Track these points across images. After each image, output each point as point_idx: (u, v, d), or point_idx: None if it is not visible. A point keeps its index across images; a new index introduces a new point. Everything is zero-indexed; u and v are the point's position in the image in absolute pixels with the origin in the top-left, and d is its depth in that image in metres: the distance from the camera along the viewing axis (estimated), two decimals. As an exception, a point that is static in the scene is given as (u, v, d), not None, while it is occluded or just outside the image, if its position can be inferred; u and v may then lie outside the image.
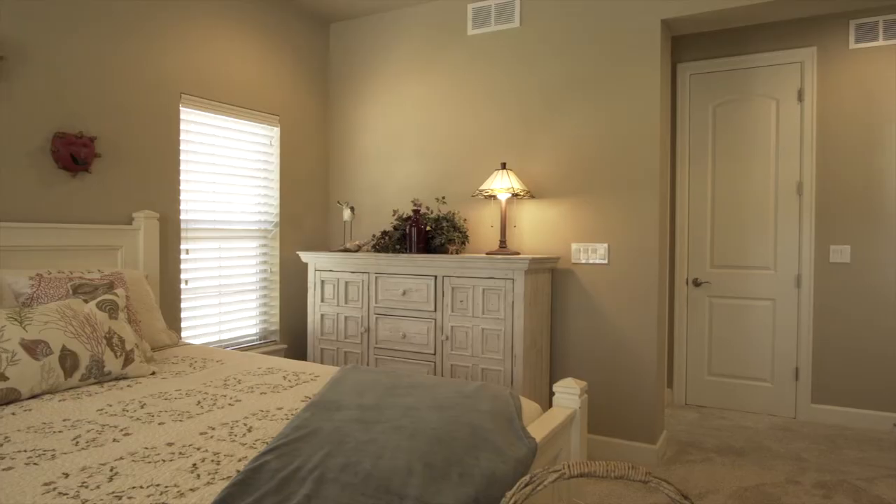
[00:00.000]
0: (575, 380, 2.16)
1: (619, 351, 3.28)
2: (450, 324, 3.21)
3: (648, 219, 3.20)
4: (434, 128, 3.88)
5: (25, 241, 2.58)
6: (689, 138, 4.31)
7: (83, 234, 2.80)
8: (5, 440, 1.55)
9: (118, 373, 2.22)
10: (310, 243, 4.19)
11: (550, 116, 3.47)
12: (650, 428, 3.21)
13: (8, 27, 2.57)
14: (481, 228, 3.70)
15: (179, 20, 3.28)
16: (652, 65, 3.18)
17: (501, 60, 3.62)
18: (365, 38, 4.16)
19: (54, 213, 2.76)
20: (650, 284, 3.20)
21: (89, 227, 2.82)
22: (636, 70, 3.22)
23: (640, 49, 3.21)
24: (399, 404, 1.86)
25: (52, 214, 2.75)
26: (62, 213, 2.79)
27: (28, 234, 2.59)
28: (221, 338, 3.61)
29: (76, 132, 2.82)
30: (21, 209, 2.63)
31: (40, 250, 2.64)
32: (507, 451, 1.63)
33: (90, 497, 1.23)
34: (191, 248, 3.39)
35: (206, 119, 3.48)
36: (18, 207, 2.63)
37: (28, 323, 2.03)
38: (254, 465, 1.34)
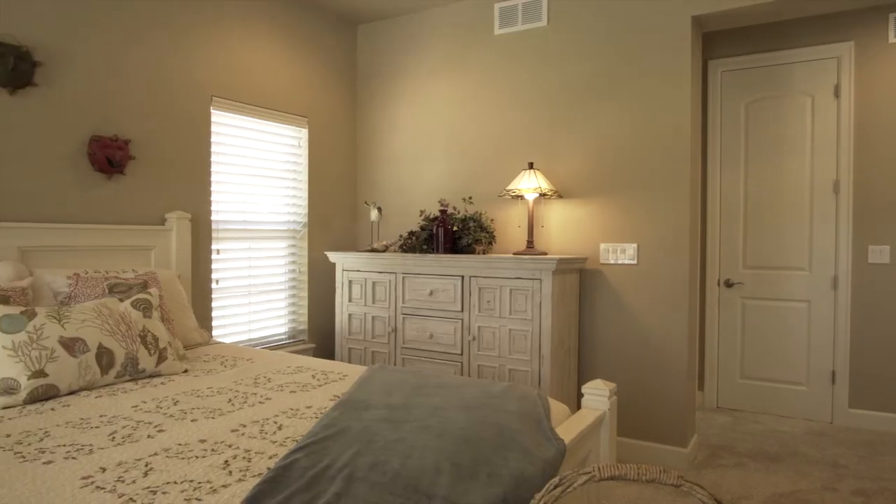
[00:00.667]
0: (604, 381, 2.14)
1: (648, 352, 3.24)
2: (477, 324, 3.21)
3: (679, 218, 3.15)
4: (461, 128, 3.88)
5: (63, 242, 2.65)
6: (720, 136, 4.23)
7: (118, 235, 2.87)
8: (45, 435, 1.60)
9: (152, 370, 2.27)
10: (338, 243, 4.22)
11: (578, 115, 3.44)
12: (681, 431, 3.16)
13: (46, 34, 2.64)
14: (508, 229, 3.69)
15: (210, 25, 3.34)
16: (682, 62, 3.13)
17: (528, 60, 3.60)
18: (392, 39, 4.18)
19: (91, 215, 2.83)
20: (680, 285, 3.15)
21: (124, 227, 2.89)
22: (666, 67, 3.17)
23: (670, 46, 3.16)
24: (426, 404, 1.86)
25: (88, 215, 2.82)
26: (98, 214, 2.86)
27: (66, 234, 2.67)
28: (251, 337, 3.66)
29: (111, 135, 2.88)
30: (59, 210, 2.71)
31: (77, 250, 2.71)
32: (535, 452, 1.62)
33: (126, 491, 1.25)
34: (221, 249, 3.45)
35: (236, 121, 3.53)
36: (57, 209, 2.70)
37: (66, 321, 2.09)
38: (284, 463, 1.35)
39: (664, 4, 3.17)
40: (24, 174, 2.59)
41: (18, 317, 2.01)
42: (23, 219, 2.58)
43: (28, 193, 2.60)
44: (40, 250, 2.58)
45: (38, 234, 2.57)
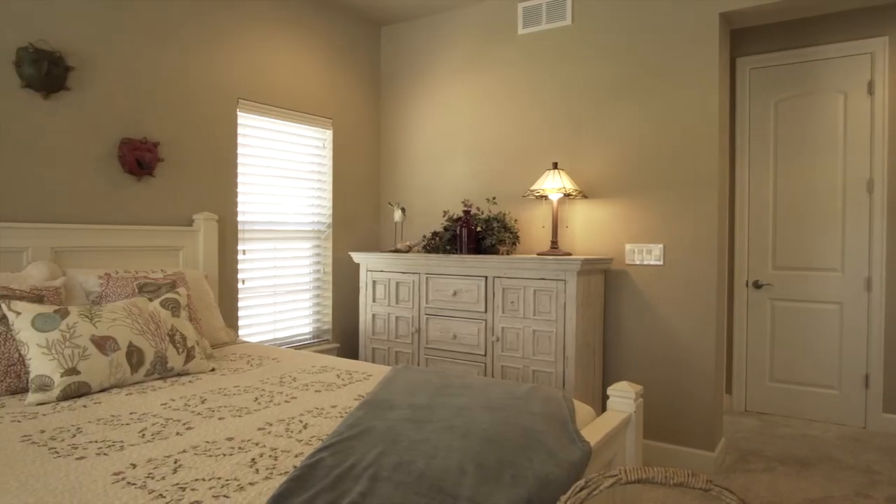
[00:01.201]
0: (630, 383, 2.11)
1: (675, 354, 3.20)
2: (500, 325, 3.19)
3: (706, 218, 3.10)
4: (484, 128, 3.87)
5: (95, 242, 2.71)
6: (748, 135, 4.16)
7: (147, 236, 2.92)
8: (78, 431, 1.63)
9: (180, 369, 2.30)
10: (362, 244, 4.24)
11: (604, 114, 3.41)
12: (708, 434, 3.11)
13: (78, 39, 2.70)
14: (532, 229, 3.67)
15: (237, 28, 3.39)
16: (710, 60, 3.08)
17: (553, 59, 3.58)
18: (416, 41, 4.19)
19: (121, 216, 2.88)
20: (708, 286, 3.10)
21: (153, 228, 2.94)
22: (693, 65, 3.13)
23: (697, 44, 3.11)
24: (450, 404, 1.86)
25: (118, 216, 2.87)
26: (128, 215, 2.91)
27: (97, 235, 2.72)
28: (276, 336, 3.70)
29: (141, 138, 2.94)
30: (91, 212, 2.77)
31: (108, 251, 2.77)
32: (560, 454, 1.61)
33: (156, 488, 1.27)
34: (247, 249, 3.49)
35: (262, 123, 3.57)
36: (89, 210, 2.76)
37: (98, 320, 2.13)
38: (310, 462, 1.36)
39: (692, 2, 3.13)
40: (58, 176, 2.65)
41: (52, 315, 2.06)
42: (56, 220, 2.64)
43: (61, 195, 2.67)
44: (73, 251, 2.64)
45: (71, 235, 2.63)
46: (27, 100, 2.55)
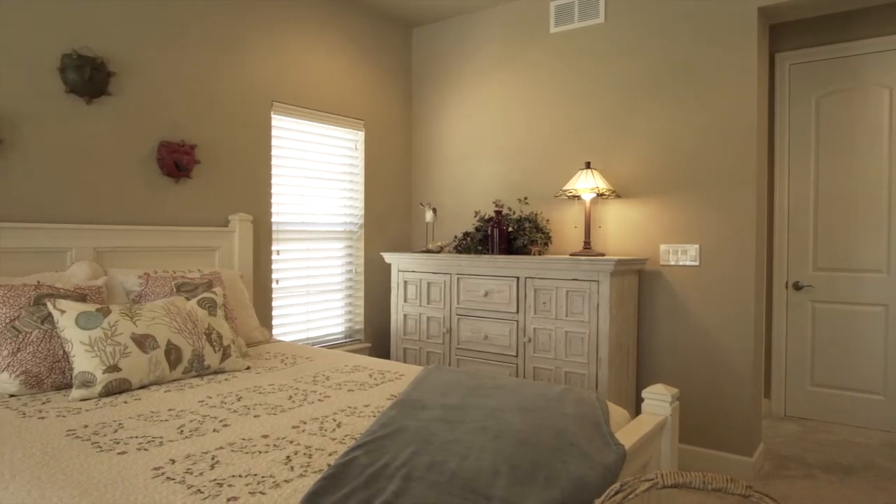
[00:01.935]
0: (665, 386, 2.07)
1: (711, 357, 3.13)
2: (532, 326, 3.17)
3: (744, 218, 3.03)
4: (516, 128, 3.85)
5: (134, 243, 2.78)
6: (788, 132, 4.05)
7: (184, 236, 2.99)
8: (119, 426, 1.68)
9: (216, 367, 2.35)
10: (393, 244, 4.26)
11: (637, 113, 3.36)
12: (746, 439, 3.04)
13: (119, 45, 2.78)
14: (565, 229, 3.63)
15: (270, 32, 3.44)
16: (748, 56, 3.01)
17: (585, 57, 3.55)
18: (447, 41, 4.19)
19: (159, 217, 2.95)
20: (746, 287, 3.03)
21: (190, 229, 3.01)
22: (731, 62, 3.06)
23: (735, 39, 3.04)
24: (482, 405, 1.85)
25: (157, 218, 2.94)
26: (166, 216, 2.98)
27: (137, 236, 2.80)
28: (309, 336, 3.74)
29: (179, 140, 3.01)
30: (131, 213, 2.84)
31: (147, 251, 2.84)
32: (594, 456, 1.59)
33: (195, 483, 1.30)
34: (281, 249, 3.54)
35: (295, 125, 3.62)
36: (129, 211, 2.83)
37: (138, 318, 2.19)
38: (344, 460, 1.37)
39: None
40: (100, 179, 2.73)
41: (95, 314, 2.12)
42: (98, 221, 2.72)
43: (103, 197, 2.74)
44: (114, 251, 2.71)
45: (112, 236, 2.70)
46: (71, 105, 2.63)
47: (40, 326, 2.09)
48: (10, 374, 1.98)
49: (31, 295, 2.14)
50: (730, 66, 3.06)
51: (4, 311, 2.05)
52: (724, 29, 3.07)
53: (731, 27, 3.05)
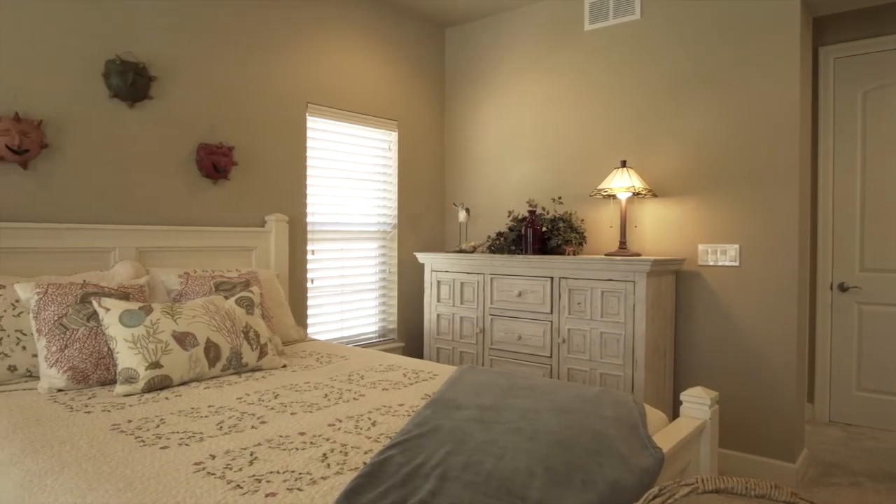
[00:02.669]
0: (705, 389, 2.03)
1: (752, 360, 3.05)
2: (566, 326, 3.14)
3: (786, 217, 2.95)
4: (550, 127, 3.82)
5: (175, 243, 2.85)
6: (833, 128, 3.92)
7: (222, 237, 3.05)
8: (161, 422, 1.72)
9: (254, 365, 2.39)
10: (426, 244, 4.28)
11: (675, 110, 3.29)
12: (788, 445, 2.96)
13: (159, 51, 2.85)
14: (599, 229, 3.59)
15: (305, 34, 3.48)
16: (790, 50, 2.93)
17: (621, 54, 3.50)
18: (480, 41, 4.18)
19: (198, 218, 3.02)
20: (788, 288, 2.95)
21: (228, 229, 3.07)
22: (773, 56, 2.98)
23: (776, 34, 2.96)
24: (517, 406, 1.84)
25: (196, 218, 3.01)
26: (205, 217, 3.04)
27: (177, 236, 2.86)
28: (343, 335, 3.78)
29: (217, 143, 3.07)
30: (171, 214, 2.91)
31: (186, 251, 2.91)
32: (631, 459, 1.57)
33: (234, 478, 1.32)
34: (316, 249, 3.58)
35: (330, 126, 3.66)
36: (169, 212, 2.90)
37: (179, 316, 2.24)
38: (380, 459, 1.38)
39: (770, -10, 2.98)
40: (142, 181, 2.81)
41: (137, 312, 2.17)
42: (140, 222, 2.79)
43: (145, 198, 2.82)
44: (155, 251, 2.78)
45: (153, 236, 2.78)
46: (115, 109, 2.71)
47: (86, 324, 2.15)
48: (58, 370, 2.04)
49: (78, 293, 2.20)
50: (772, 60, 2.98)
51: (53, 309, 2.13)
52: (767, 22, 2.99)
53: (773, 20, 2.97)
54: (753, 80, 3.03)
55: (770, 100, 2.99)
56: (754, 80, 3.03)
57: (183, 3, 2.92)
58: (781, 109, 2.96)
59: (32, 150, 2.42)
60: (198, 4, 2.98)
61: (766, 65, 2.99)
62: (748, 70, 3.05)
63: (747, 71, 3.05)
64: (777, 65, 2.96)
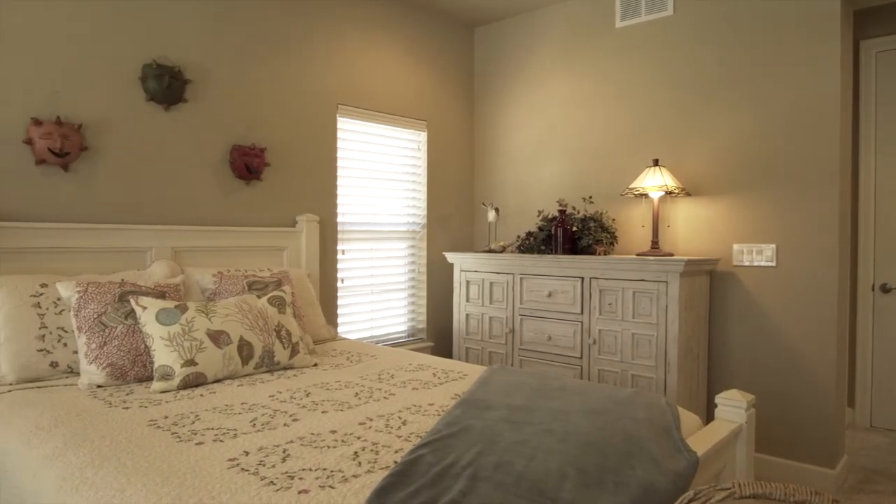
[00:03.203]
0: (741, 392, 1.99)
1: (789, 363, 2.98)
2: (597, 327, 3.11)
3: (826, 216, 2.87)
4: (581, 126, 3.78)
5: (209, 243, 2.90)
6: (874, 124, 3.80)
7: (255, 236, 3.09)
8: (196, 418, 1.75)
9: (285, 363, 2.42)
10: (455, 244, 4.27)
11: (709, 107, 3.23)
12: (828, 450, 2.87)
13: (194, 54, 2.90)
14: (631, 229, 3.54)
15: (336, 36, 3.51)
16: (830, 44, 2.84)
17: (652, 51, 3.44)
18: (509, 40, 4.17)
19: (231, 218, 3.07)
20: (827, 290, 2.86)
21: (260, 229, 3.11)
22: (812, 51, 2.90)
23: (815, 28, 2.88)
24: (548, 407, 1.83)
25: (229, 219, 3.06)
26: (238, 217, 3.09)
27: (211, 236, 2.92)
28: (373, 334, 3.80)
29: (250, 144, 3.11)
30: (206, 214, 2.97)
31: (220, 251, 2.96)
32: (665, 462, 1.54)
33: (268, 475, 1.34)
34: (346, 249, 3.61)
35: (360, 127, 3.68)
36: (204, 213, 2.96)
37: (213, 315, 2.28)
38: (410, 458, 1.38)
39: (808, -18, 2.90)
40: (177, 182, 2.86)
41: (173, 310, 2.22)
42: (176, 222, 2.85)
43: (180, 199, 2.88)
44: (190, 251, 2.84)
45: (188, 236, 2.83)
46: (151, 112, 2.77)
47: (124, 322, 2.21)
48: (97, 366, 2.10)
49: (116, 292, 2.26)
50: (810, 55, 2.90)
51: (93, 307, 2.18)
52: (805, 16, 2.91)
53: (811, 14, 2.89)
54: (792, 76, 2.96)
55: (809, 95, 2.91)
56: (793, 75, 2.95)
57: (216, 8, 2.98)
58: (821, 105, 2.87)
59: (73, 153, 2.49)
60: (231, 9, 3.03)
61: (806, 60, 2.92)
62: (786, 65, 2.97)
63: (786, 66, 2.98)
64: (817, 59, 2.88)
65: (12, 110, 2.39)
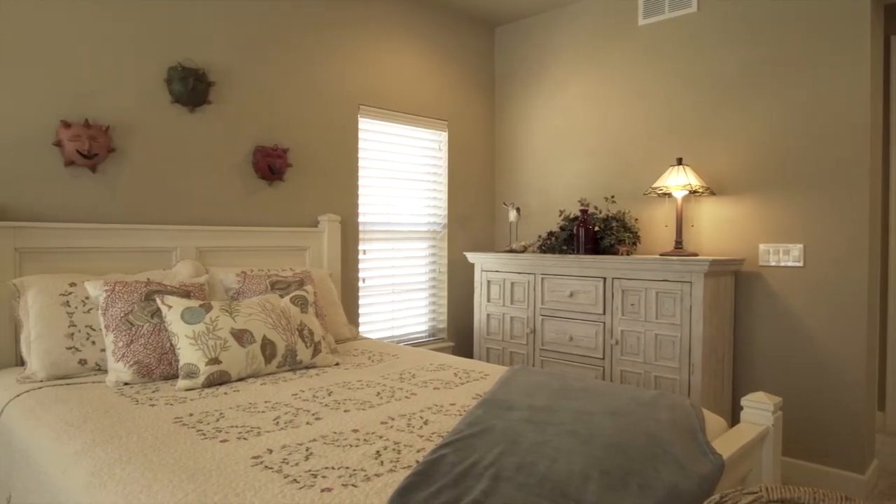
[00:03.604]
0: (767, 394, 1.95)
1: (818, 364, 2.92)
2: (619, 328, 3.08)
3: (855, 215, 2.81)
4: (603, 125, 3.75)
5: (232, 243, 2.94)
6: (906, 122, 3.71)
7: (278, 236, 3.12)
8: (220, 416, 1.77)
9: (308, 362, 2.43)
10: (476, 244, 4.27)
11: (734, 106, 3.18)
12: (857, 455, 2.81)
13: (218, 56, 2.94)
14: (654, 228, 3.50)
15: (357, 37, 3.53)
16: (860, 40, 2.78)
17: (676, 49, 3.40)
18: (530, 39, 4.15)
19: (254, 218, 3.10)
20: (857, 291, 2.80)
21: (283, 229, 3.14)
22: (840, 46, 2.84)
23: (844, 23, 2.82)
24: (570, 408, 1.81)
25: (252, 219, 3.09)
26: (260, 217, 3.13)
27: (234, 236, 2.95)
28: (393, 333, 3.81)
29: (272, 145, 3.14)
30: (229, 215, 3.00)
31: (243, 250, 2.99)
32: (689, 465, 1.52)
33: (291, 473, 1.35)
34: (367, 249, 3.63)
35: (381, 127, 3.70)
36: (227, 213, 2.99)
37: (236, 314, 2.30)
38: (432, 458, 1.38)
39: (837, -23, 2.84)
40: (202, 183, 2.90)
41: (198, 310, 2.25)
42: (200, 222, 2.89)
43: (204, 200, 2.91)
44: (214, 250, 2.88)
45: (212, 236, 2.87)
46: (176, 114, 2.81)
47: (150, 320, 2.24)
48: (124, 364, 2.14)
49: (143, 291, 2.30)
50: (839, 51, 2.84)
51: (120, 306, 2.22)
52: (832, 12, 2.85)
53: (840, 10, 2.83)
54: (820, 73, 2.90)
55: (838, 93, 2.85)
56: (821, 72, 2.90)
57: (239, 11, 3.01)
58: (850, 102, 2.81)
59: (101, 155, 2.54)
60: (253, 11, 3.06)
61: (834, 56, 2.86)
62: (814, 62, 2.92)
63: (813, 63, 2.92)
64: (846, 56, 2.82)
65: (42, 113, 2.44)
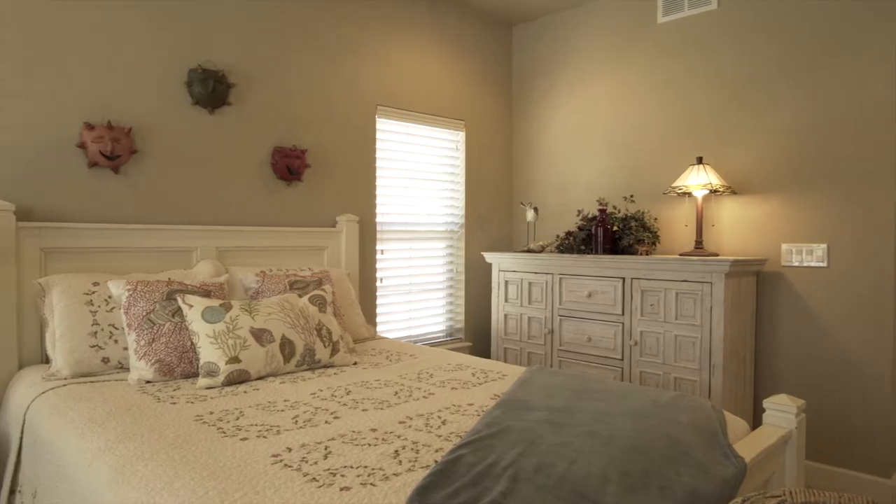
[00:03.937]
0: (790, 396, 1.92)
1: (842, 366, 2.87)
2: (639, 328, 3.05)
3: (882, 214, 2.75)
4: (621, 124, 3.72)
5: (252, 243, 2.96)
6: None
7: (296, 237, 3.14)
8: (240, 414, 1.78)
9: (326, 361, 2.45)
10: (494, 244, 4.26)
11: (755, 104, 3.14)
12: (882, 459, 2.76)
13: (237, 58, 2.97)
14: (674, 228, 3.47)
15: (374, 38, 3.54)
16: (885, 34, 2.73)
17: (696, 47, 3.37)
18: (548, 38, 4.13)
19: (273, 218, 3.13)
20: (883, 291, 2.75)
21: (301, 230, 3.16)
22: (866, 41, 2.79)
23: (870, 18, 2.77)
24: (590, 409, 1.80)
25: (271, 219, 3.12)
26: (279, 217, 3.15)
27: (254, 236, 2.97)
28: (411, 333, 3.82)
29: (291, 146, 3.17)
30: (248, 215, 3.03)
31: (262, 250, 3.02)
32: (711, 468, 1.50)
33: (310, 471, 1.35)
34: (385, 249, 3.64)
35: (398, 127, 3.70)
36: (246, 213, 3.02)
37: (256, 314, 2.32)
38: (451, 458, 1.38)
39: (862, -28, 2.79)
40: (221, 183, 2.93)
41: (218, 309, 2.27)
42: (220, 223, 2.92)
43: (224, 200, 2.94)
44: (233, 250, 2.90)
45: (232, 236, 2.89)
46: (196, 116, 2.84)
47: (171, 319, 2.27)
48: (146, 363, 2.16)
49: (164, 290, 2.33)
50: (864, 46, 2.79)
51: (142, 305, 2.25)
52: (858, 7, 2.80)
53: (864, 5, 2.78)
54: (844, 70, 2.85)
55: (863, 90, 2.80)
56: (845, 69, 2.85)
57: (258, 13, 3.04)
58: (876, 100, 2.76)
59: (123, 156, 2.58)
60: (272, 13, 3.09)
61: (859, 52, 2.81)
62: (838, 59, 2.87)
63: (837, 60, 2.87)
64: (871, 52, 2.77)
65: (66, 116, 2.48)
